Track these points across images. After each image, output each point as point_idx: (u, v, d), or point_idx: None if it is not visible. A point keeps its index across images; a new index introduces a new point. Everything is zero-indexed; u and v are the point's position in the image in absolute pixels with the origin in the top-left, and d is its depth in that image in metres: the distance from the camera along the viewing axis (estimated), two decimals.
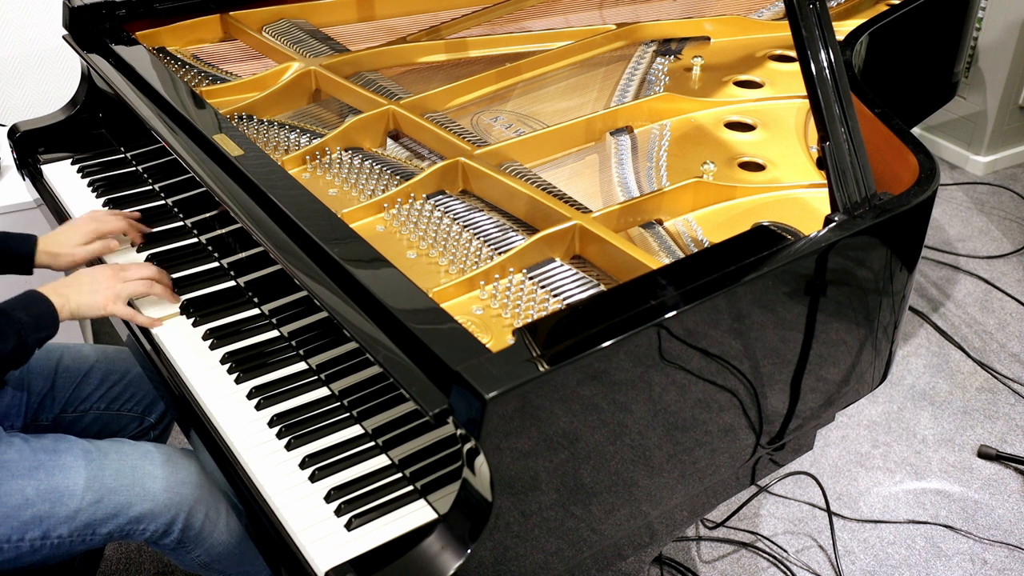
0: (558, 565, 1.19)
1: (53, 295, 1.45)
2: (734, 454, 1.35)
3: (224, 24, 2.15)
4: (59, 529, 1.38)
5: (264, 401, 1.39)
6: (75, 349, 1.70)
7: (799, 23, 1.27)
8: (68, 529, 1.39)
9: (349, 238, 1.33)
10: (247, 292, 1.60)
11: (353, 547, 1.17)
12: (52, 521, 1.38)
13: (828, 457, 2.43)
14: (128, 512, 1.41)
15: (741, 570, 2.13)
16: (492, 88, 1.94)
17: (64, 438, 1.46)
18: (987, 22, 3.47)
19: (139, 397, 1.71)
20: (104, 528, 1.41)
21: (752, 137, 1.78)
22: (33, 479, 1.38)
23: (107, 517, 1.41)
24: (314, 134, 1.76)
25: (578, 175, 1.68)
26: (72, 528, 1.39)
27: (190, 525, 1.45)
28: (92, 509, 1.39)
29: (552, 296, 1.36)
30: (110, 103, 2.00)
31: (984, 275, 3.10)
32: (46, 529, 1.38)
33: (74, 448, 1.44)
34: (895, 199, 1.34)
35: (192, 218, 1.77)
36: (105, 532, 1.41)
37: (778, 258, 1.22)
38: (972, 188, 3.59)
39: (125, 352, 1.72)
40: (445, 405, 1.07)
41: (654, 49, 2.09)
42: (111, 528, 1.41)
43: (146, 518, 1.42)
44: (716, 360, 1.22)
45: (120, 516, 1.41)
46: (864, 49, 1.96)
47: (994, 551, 2.18)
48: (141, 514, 1.42)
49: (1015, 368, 2.72)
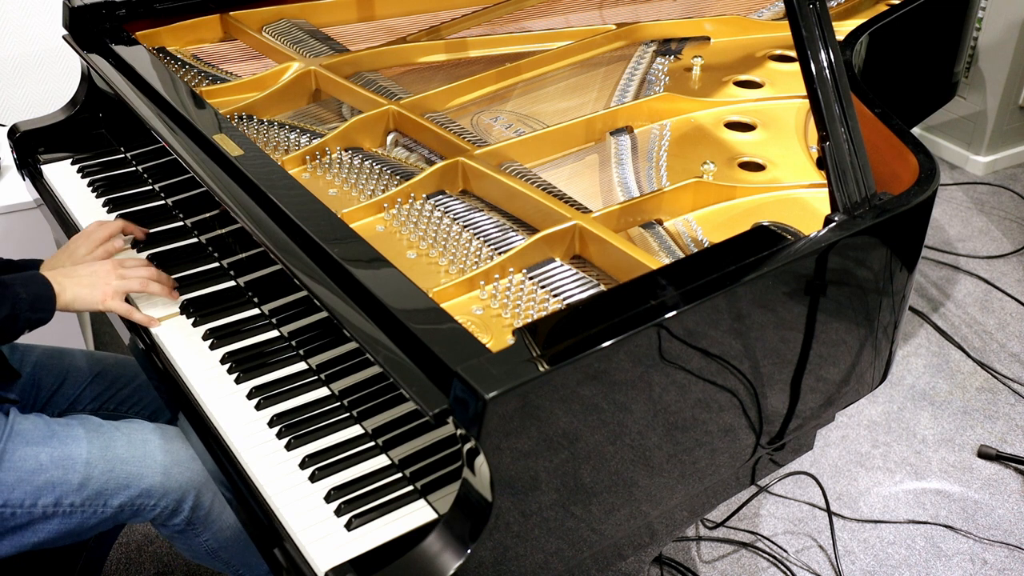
0: (558, 565, 1.19)
1: (52, 282, 1.45)
2: (734, 454, 1.35)
3: (224, 24, 2.15)
4: (71, 497, 1.40)
5: (264, 401, 1.39)
6: (87, 354, 1.72)
7: (799, 23, 1.26)
8: (80, 498, 1.41)
9: (349, 238, 1.33)
10: (247, 292, 1.60)
11: (353, 547, 1.17)
12: (64, 488, 1.40)
13: (828, 457, 2.43)
14: (139, 483, 1.43)
15: (741, 570, 2.13)
16: (492, 88, 1.94)
17: (77, 415, 1.49)
18: (987, 22, 3.47)
19: (146, 402, 1.72)
20: (115, 499, 1.43)
21: (752, 137, 1.78)
22: (47, 446, 1.41)
23: (118, 487, 1.43)
24: (314, 134, 1.76)
25: (578, 175, 1.68)
26: (84, 497, 1.41)
27: (200, 504, 1.47)
28: (104, 478, 1.42)
29: (552, 296, 1.36)
30: (110, 103, 2.00)
31: (984, 275, 3.10)
32: (58, 496, 1.40)
33: (87, 422, 1.47)
34: (895, 199, 1.34)
35: (192, 218, 1.77)
36: (116, 504, 1.43)
37: (778, 258, 1.22)
38: (972, 188, 3.59)
39: (134, 360, 1.72)
40: (445, 405, 1.07)
41: (654, 49, 2.09)
42: (122, 500, 1.43)
43: (156, 492, 1.44)
44: (716, 360, 1.22)
45: (131, 487, 1.43)
46: (864, 49, 1.96)
47: (994, 551, 2.18)
48: (151, 487, 1.44)
49: (1015, 368, 2.72)
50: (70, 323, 2.45)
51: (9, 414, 1.44)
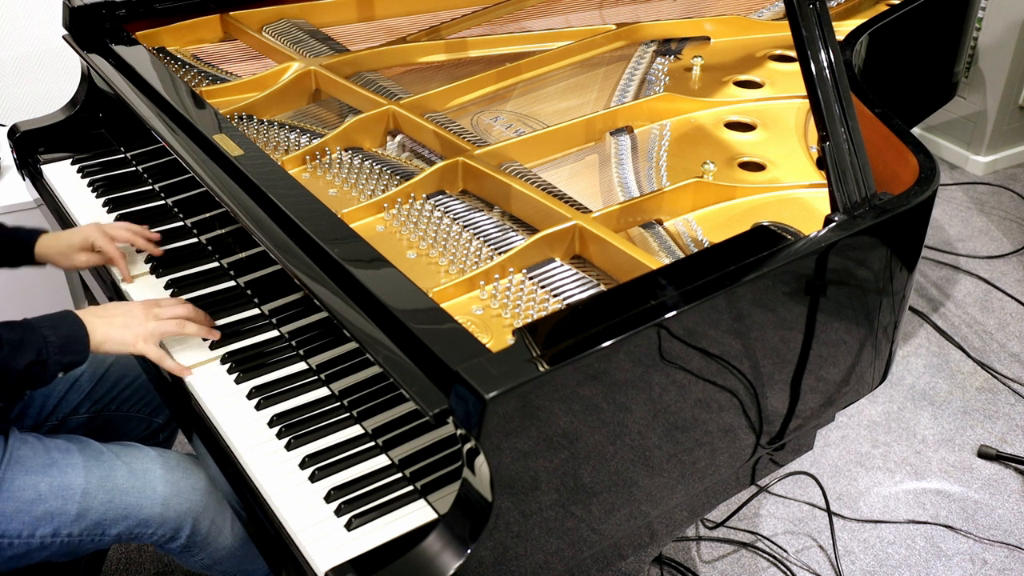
0: (558, 565, 1.19)
1: (84, 321, 1.38)
2: (734, 454, 1.35)
3: (224, 24, 2.15)
4: (69, 527, 1.38)
5: (264, 401, 1.39)
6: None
7: (799, 23, 1.26)
8: (79, 528, 1.39)
9: (349, 238, 1.33)
10: (247, 292, 1.60)
11: (353, 547, 1.17)
12: (63, 519, 1.38)
13: (828, 457, 2.43)
14: (138, 514, 1.41)
15: (741, 570, 2.13)
16: (492, 88, 1.94)
17: (77, 439, 1.46)
18: (987, 22, 3.47)
19: (148, 400, 1.71)
20: (114, 529, 1.41)
21: (752, 137, 1.78)
22: (46, 475, 1.38)
23: (117, 518, 1.41)
24: (314, 134, 1.76)
25: (578, 175, 1.68)
26: (83, 527, 1.39)
27: (197, 531, 1.45)
28: (103, 509, 1.40)
29: (552, 296, 1.36)
30: (110, 103, 2.00)
31: (984, 275, 3.10)
32: (56, 526, 1.38)
33: (87, 448, 1.44)
34: (895, 199, 1.34)
35: (192, 218, 1.77)
36: (114, 533, 1.42)
37: (778, 258, 1.22)
38: (972, 188, 3.59)
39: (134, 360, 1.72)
40: (445, 405, 1.07)
41: (654, 49, 2.09)
42: (120, 529, 1.42)
43: (154, 521, 1.42)
44: (716, 360, 1.22)
45: (130, 518, 1.41)
46: (864, 49, 1.96)
47: (994, 551, 2.18)
48: (150, 517, 1.42)
49: (1015, 368, 2.71)
50: None
51: (8, 438, 1.41)
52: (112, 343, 1.39)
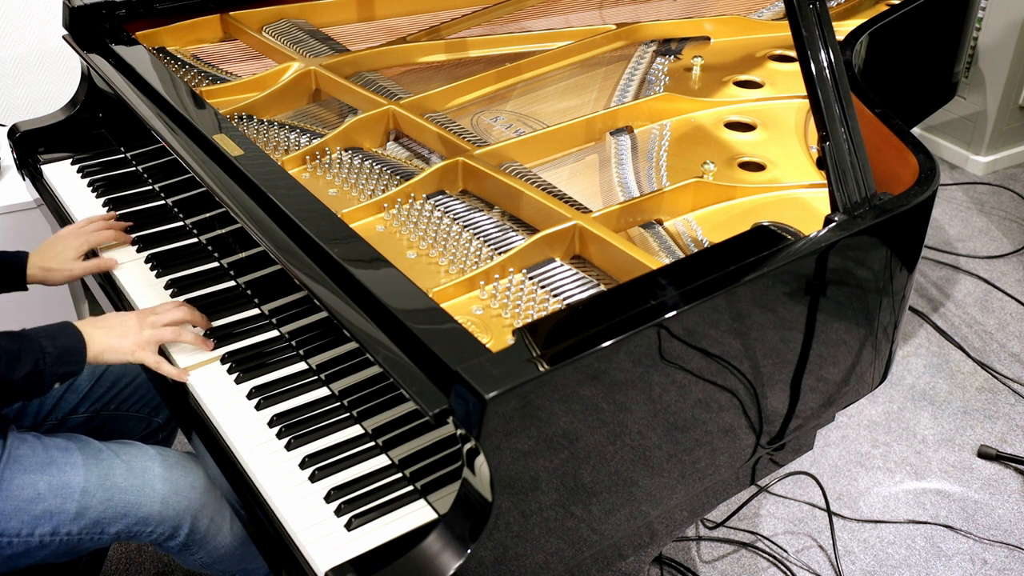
0: (558, 565, 1.19)
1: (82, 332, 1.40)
2: (734, 454, 1.35)
3: (224, 24, 2.15)
4: (68, 526, 1.39)
5: (264, 401, 1.39)
6: None
7: (799, 23, 1.26)
8: (78, 527, 1.39)
9: (349, 238, 1.33)
10: (247, 292, 1.60)
11: (353, 547, 1.17)
12: (62, 517, 1.38)
13: (828, 457, 2.43)
14: (137, 512, 1.42)
15: (741, 570, 2.13)
16: (492, 88, 1.94)
17: (76, 437, 1.47)
18: (987, 22, 3.47)
19: (147, 399, 1.72)
20: (113, 527, 1.41)
21: (752, 137, 1.78)
22: (45, 474, 1.39)
23: (116, 516, 1.41)
24: (314, 134, 1.76)
25: (578, 175, 1.68)
26: (82, 526, 1.40)
27: (195, 529, 1.45)
28: (102, 507, 1.40)
29: (552, 296, 1.36)
30: (110, 103, 2.00)
31: (984, 275, 3.10)
32: (55, 525, 1.38)
33: (86, 447, 1.44)
34: (895, 199, 1.34)
35: (192, 218, 1.77)
36: (113, 531, 1.42)
37: (778, 258, 1.22)
38: (972, 188, 3.59)
39: None
40: (445, 405, 1.07)
41: (654, 49, 2.09)
42: (119, 528, 1.42)
43: (153, 520, 1.43)
44: (716, 360, 1.22)
45: (129, 516, 1.41)
46: (864, 49, 1.96)
47: (994, 551, 2.18)
48: (148, 515, 1.42)
49: (1015, 368, 2.72)
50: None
51: (7, 437, 1.41)
52: (110, 353, 1.41)
